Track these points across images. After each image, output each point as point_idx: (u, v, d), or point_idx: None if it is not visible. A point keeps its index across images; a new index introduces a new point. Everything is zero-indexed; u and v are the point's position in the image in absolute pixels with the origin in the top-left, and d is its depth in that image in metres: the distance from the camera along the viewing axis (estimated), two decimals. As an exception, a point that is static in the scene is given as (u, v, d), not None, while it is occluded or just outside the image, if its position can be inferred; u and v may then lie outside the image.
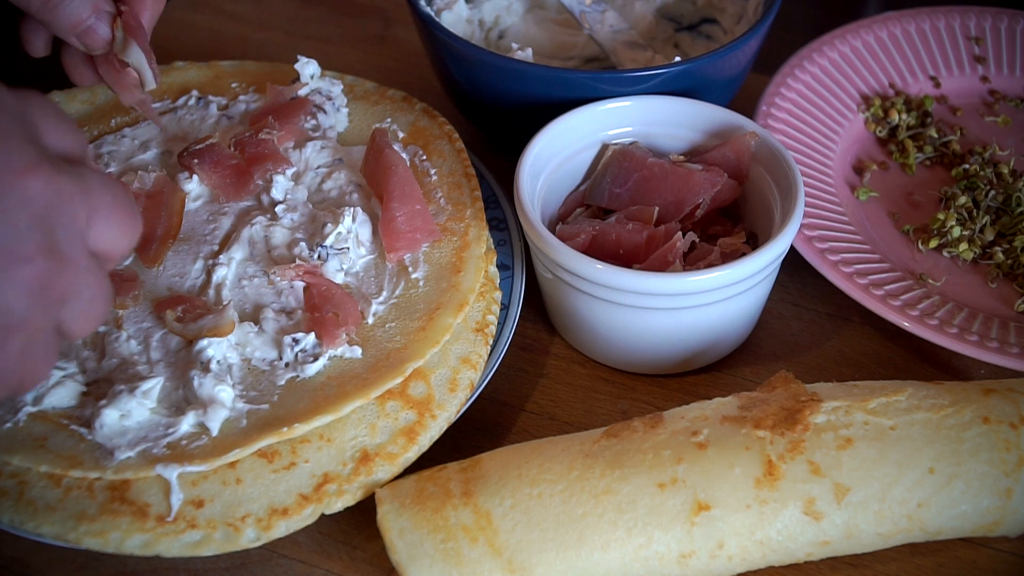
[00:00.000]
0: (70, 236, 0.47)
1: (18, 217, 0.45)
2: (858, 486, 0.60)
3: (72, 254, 0.47)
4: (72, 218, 0.47)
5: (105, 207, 0.49)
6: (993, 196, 0.82)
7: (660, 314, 0.69)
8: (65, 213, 0.47)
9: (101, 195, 0.49)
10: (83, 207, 0.48)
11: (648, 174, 0.74)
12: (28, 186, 0.45)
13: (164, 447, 0.62)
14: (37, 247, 0.45)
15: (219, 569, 0.64)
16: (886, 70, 0.92)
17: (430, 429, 0.65)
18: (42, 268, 0.46)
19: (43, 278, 0.46)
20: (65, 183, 0.47)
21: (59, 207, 0.46)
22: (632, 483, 0.60)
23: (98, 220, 0.48)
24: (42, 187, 0.46)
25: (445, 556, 0.59)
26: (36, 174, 0.45)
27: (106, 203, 0.49)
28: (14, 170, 0.45)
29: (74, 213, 0.47)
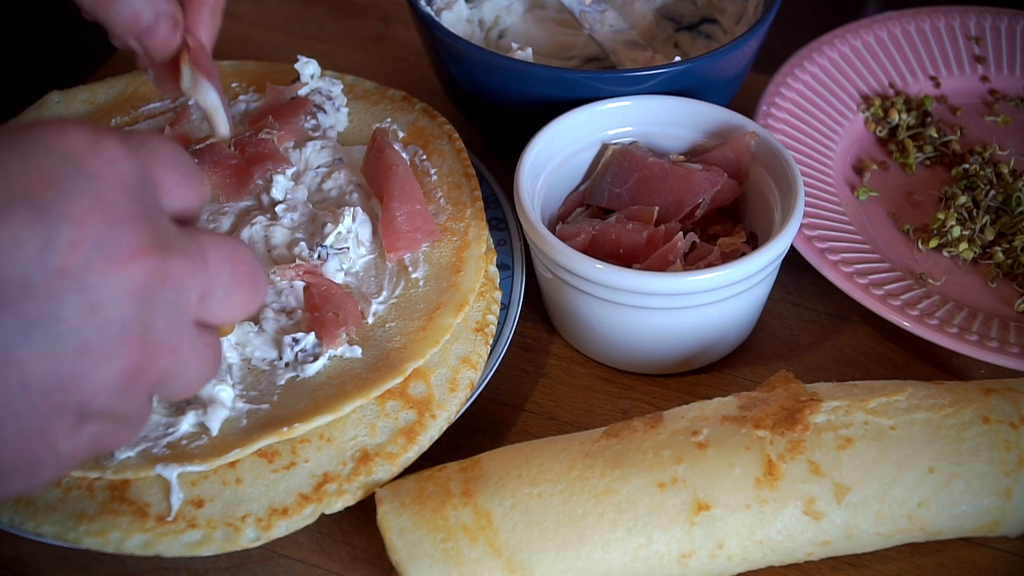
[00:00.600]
0: (175, 321, 0.43)
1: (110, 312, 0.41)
2: (858, 486, 0.60)
3: (173, 340, 0.43)
4: (180, 301, 0.43)
5: (223, 284, 0.46)
6: (993, 196, 0.82)
7: (660, 314, 0.69)
8: (171, 298, 0.43)
9: (218, 270, 0.45)
10: (195, 286, 0.44)
11: (648, 174, 0.74)
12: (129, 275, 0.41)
13: (164, 447, 0.62)
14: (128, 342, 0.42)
15: (219, 569, 0.64)
16: (886, 70, 0.92)
17: (430, 429, 0.65)
18: (132, 363, 0.42)
19: (133, 372, 0.42)
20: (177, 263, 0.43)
21: (164, 292, 0.42)
22: (632, 483, 0.60)
23: (214, 297, 0.45)
24: (145, 274, 0.42)
25: (445, 556, 0.59)
26: (142, 259, 0.41)
27: (224, 280, 0.45)
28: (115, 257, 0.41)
29: (183, 296, 0.43)
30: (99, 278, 0.40)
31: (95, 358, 0.41)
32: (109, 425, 0.43)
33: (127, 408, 0.43)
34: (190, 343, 0.45)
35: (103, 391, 0.42)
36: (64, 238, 0.40)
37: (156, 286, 0.42)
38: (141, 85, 0.86)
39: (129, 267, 0.41)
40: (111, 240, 0.41)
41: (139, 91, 0.85)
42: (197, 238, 0.45)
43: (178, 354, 0.44)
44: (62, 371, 0.40)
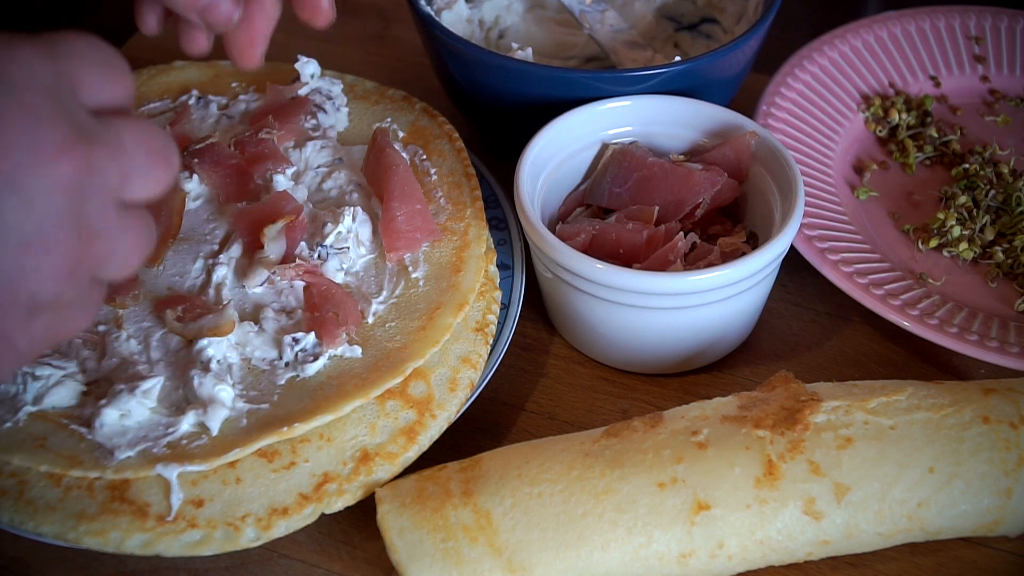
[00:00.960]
0: (102, 205, 0.45)
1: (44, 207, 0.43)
2: (858, 486, 0.60)
3: (104, 223, 0.46)
4: (104, 186, 0.45)
5: (140, 165, 0.47)
6: (993, 196, 0.82)
7: (660, 314, 0.69)
8: (97, 184, 0.45)
9: (135, 152, 0.47)
10: (116, 170, 0.46)
11: (648, 173, 0.74)
12: (57, 170, 0.43)
13: (164, 446, 0.62)
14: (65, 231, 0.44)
15: (219, 568, 0.64)
16: (886, 70, 0.92)
17: (430, 429, 0.65)
18: (71, 250, 0.44)
19: (73, 258, 0.44)
20: (98, 152, 0.45)
21: (91, 181, 0.44)
22: (632, 483, 0.60)
23: (132, 178, 0.47)
24: (71, 168, 0.44)
25: (445, 556, 0.59)
26: (67, 154, 0.43)
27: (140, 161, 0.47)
28: (42, 156, 0.43)
29: (106, 181, 0.45)
30: (30, 177, 0.42)
31: (37, 251, 0.43)
32: (59, 314, 0.46)
33: (72, 294, 0.45)
34: (119, 224, 0.47)
35: (48, 281, 0.44)
36: None
37: (83, 176, 0.44)
38: (141, 85, 0.86)
39: (57, 163, 0.43)
40: (36, 140, 0.43)
41: (139, 90, 0.85)
42: (113, 124, 0.47)
43: (109, 236, 0.46)
44: (8, 268, 0.43)
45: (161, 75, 0.87)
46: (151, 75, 0.87)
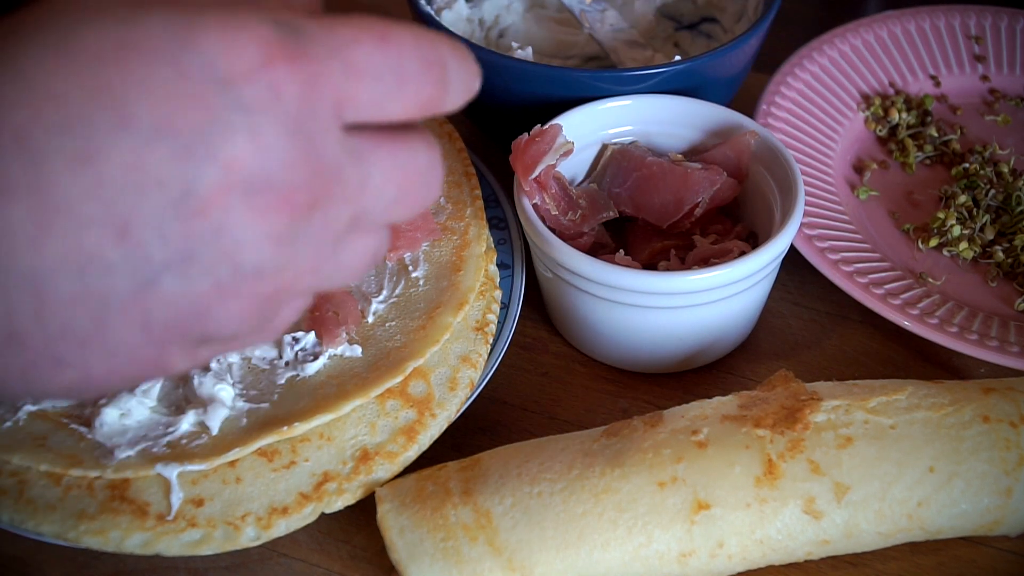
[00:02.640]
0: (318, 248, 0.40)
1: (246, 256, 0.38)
2: (858, 485, 0.60)
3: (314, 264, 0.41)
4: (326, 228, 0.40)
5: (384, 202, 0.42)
6: (993, 195, 0.82)
7: (660, 313, 0.69)
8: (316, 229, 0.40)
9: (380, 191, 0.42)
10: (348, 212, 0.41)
11: (647, 173, 0.74)
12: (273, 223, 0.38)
13: (164, 446, 0.62)
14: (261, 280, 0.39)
15: (219, 568, 0.64)
16: (886, 69, 0.92)
17: (430, 428, 0.65)
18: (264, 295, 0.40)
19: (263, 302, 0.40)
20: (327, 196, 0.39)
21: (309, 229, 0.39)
22: (632, 482, 0.60)
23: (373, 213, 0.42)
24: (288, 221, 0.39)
25: (445, 555, 0.59)
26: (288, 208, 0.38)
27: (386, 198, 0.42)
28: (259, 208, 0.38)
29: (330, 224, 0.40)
30: (239, 223, 0.37)
31: (225, 295, 0.39)
32: (229, 343, 0.42)
33: (252, 329, 0.41)
34: (333, 260, 0.42)
35: (229, 322, 0.40)
36: (209, 183, 0.36)
37: (300, 226, 0.39)
38: None
39: (273, 215, 0.38)
40: (259, 186, 0.37)
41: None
42: (364, 156, 0.40)
43: (320, 273, 0.41)
44: (189, 309, 0.38)
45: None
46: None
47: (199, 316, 0.39)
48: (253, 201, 0.37)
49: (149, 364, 0.40)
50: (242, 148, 0.37)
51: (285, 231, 0.39)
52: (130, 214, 0.36)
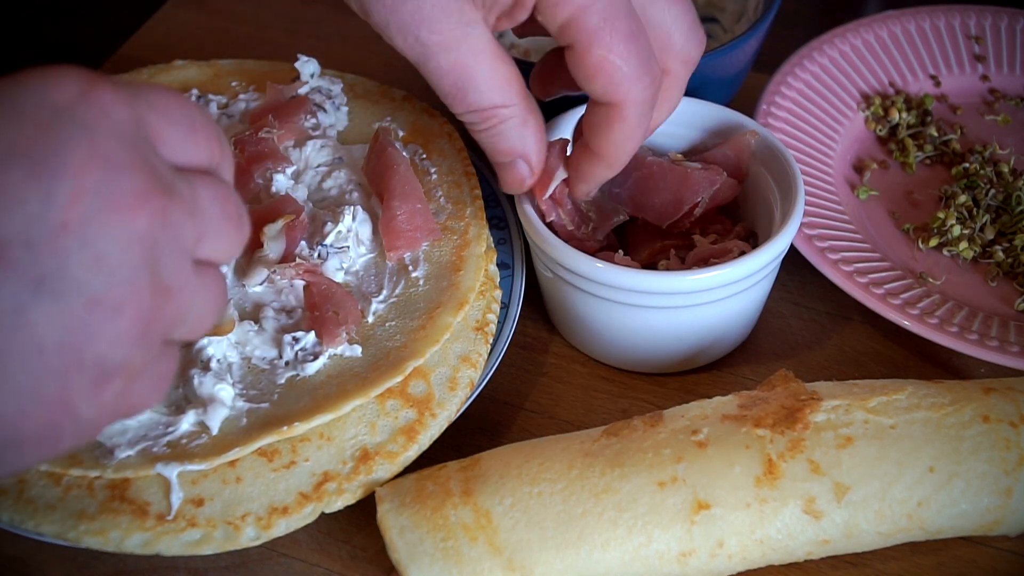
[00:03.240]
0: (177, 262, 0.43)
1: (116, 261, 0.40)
2: (858, 485, 0.60)
3: (179, 281, 0.43)
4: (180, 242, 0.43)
5: (215, 226, 0.45)
6: (993, 195, 0.82)
7: (660, 313, 0.69)
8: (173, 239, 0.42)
9: (211, 211, 0.45)
10: (192, 228, 0.43)
11: (647, 173, 0.74)
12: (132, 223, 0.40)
13: (164, 446, 0.62)
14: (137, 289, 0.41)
15: (219, 568, 0.64)
16: (886, 69, 0.92)
17: (430, 428, 0.65)
18: (144, 309, 0.41)
19: (145, 318, 0.41)
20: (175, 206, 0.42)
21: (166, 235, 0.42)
22: (632, 482, 0.60)
23: (207, 238, 0.45)
24: (147, 220, 0.41)
25: (445, 555, 0.59)
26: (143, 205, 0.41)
27: (215, 221, 0.45)
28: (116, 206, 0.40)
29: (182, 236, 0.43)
30: (102, 228, 0.40)
31: (106, 310, 0.40)
32: (130, 382, 0.43)
33: (143, 359, 0.42)
34: (193, 283, 0.44)
35: (118, 343, 0.41)
36: (64, 192, 0.39)
37: (158, 230, 0.41)
38: (141, 84, 0.86)
39: (131, 214, 0.40)
40: (111, 189, 0.40)
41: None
42: (190, 180, 0.44)
43: (183, 295, 0.43)
44: (75, 327, 0.39)
45: (161, 75, 0.87)
46: (151, 75, 0.87)
47: (87, 336, 0.40)
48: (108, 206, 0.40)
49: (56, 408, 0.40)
50: (86, 157, 0.39)
51: (145, 234, 0.41)
52: None
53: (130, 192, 0.40)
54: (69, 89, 0.41)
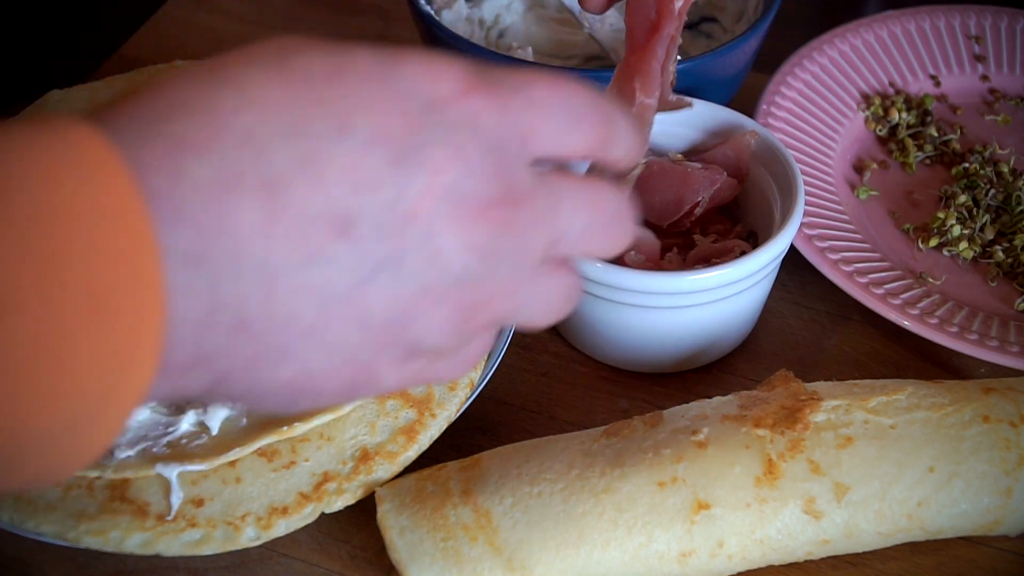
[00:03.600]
0: (514, 268, 0.43)
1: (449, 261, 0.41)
2: (858, 485, 0.60)
3: (511, 286, 0.43)
4: (523, 249, 0.43)
5: (576, 231, 0.45)
6: (993, 195, 0.82)
7: (660, 313, 0.69)
8: (513, 247, 0.42)
9: (572, 219, 0.44)
10: (542, 236, 0.43)
11: (647, 172, 0.74)
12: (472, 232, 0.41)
13: (164, 446, 0.62)
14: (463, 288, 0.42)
15: (219, 568, 0.64)
16: (886, 69, 0.92)
17: (430, 428, 0.65)
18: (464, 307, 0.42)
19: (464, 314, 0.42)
20: (523, 216, 0.42)
21: (506, 244, 0.42)
22: (632, 482, 0.60)
23: (564, 242, 0.44)
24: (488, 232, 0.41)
25: (445, 555, 0.59)
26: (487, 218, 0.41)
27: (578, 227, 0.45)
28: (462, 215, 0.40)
29: (527, 244, 0.43)
30: (445, 229, 0.40)
31: (431, 301, 0.41)
32: (435, 362, 0.44)
33: (455, 346, 0.44)
34: (531, 285, 0.44)
35: (433, 330, 0.42)
36: (418, 186, 0.40)
37: (496, 241, 0.42)
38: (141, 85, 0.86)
39: (474, 223, 0.41)
40: (461, 194, 0.40)
41: (139, 90, 0.85)
42: (554, 186, 0.44)
43: (515, 296, 0.44)
44: (400, 309, 0.41)
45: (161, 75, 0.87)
46: (151, 75, 0.87)
47: (408, 319, 0.41)
48: (456, 209, 0.40)
49: (362, 372, 0.42)
50: (447, 160, 0.40)
51: (485, 242, 0.41)
52: (350, 212, 0.39)
53: (478, 201, 0.41)
54: (446, 87, 0.41)
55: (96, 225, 0.34)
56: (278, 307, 0.38)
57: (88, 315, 0.34)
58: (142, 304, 0.35)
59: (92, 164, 0.34)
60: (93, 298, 0.34)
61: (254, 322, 0.38)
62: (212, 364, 0.38)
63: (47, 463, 0.36)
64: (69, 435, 0.35)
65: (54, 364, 0.33)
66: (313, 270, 0.38)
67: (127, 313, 0.35)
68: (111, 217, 0.34)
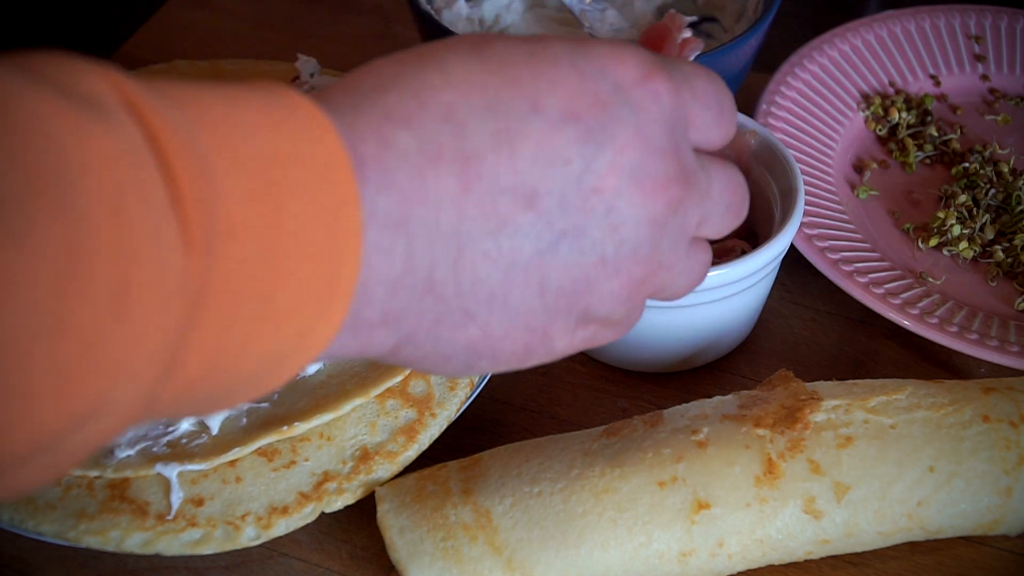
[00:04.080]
0: (676, 243, 0.46)
1: (627, 234, 0.44)
2: (858, 484, 0.60)
3: (672, 260, 0.46)
4: (684, 226, 0.46)
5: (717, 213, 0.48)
6: (993, 195, 0.82)
7: (660, 313, 0.69)
8: (678, 224, 0.46)
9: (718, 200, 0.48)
10: (699, 214, 0.47)
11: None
12: (651, 205, 0.44)
13: (164, 445, 0.62)
14: (637, 260, 0.45)
15: (219, 567, 0.64)
16: (886, 68, 0.92)
17: (430, 427, 0.65)
18: (636, 277, 0.45)
19: (635, 284, 0.45)
20: (689, 194, 0.46)
21: (674, 220, 0.45)
22: (632, 482, 0.60)
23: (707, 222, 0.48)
24: (663, 205, 0.44)
25: (445, 554, 0.59)
26: (664, 191, 0.44)
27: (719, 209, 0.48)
28: (643, 188, 0.44)
29: (687, 221, 0.46)
30: (626, 203, 0.43)
31: (608, 271, 0.44)
32: (602, 328, 0.47)
33: (622, 315, 0.46)
34: (684, 260, 0.48)
35: (605, 300, 0.45)
36: (604, 162, 0.42)
37: (669, 215, 0.45)
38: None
39: (653, 197, 0.44)
40: (643, 171, 0.43)
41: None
42: (708, 168, 0.47)
43: (673, 270, 0.47)
44: (578, 279, 0.44)
45: (161, 75, 0.87)
46: (151, 75, 0.87)
47: (585, 287, 0.44)
48: (638, 185, 0.43)
49: (537, 336, 0.45)
50: (631, 137, 0.43)
51: (659, 217, 0.44)
52: (538, 185, 0.42)
53: (657, 177, 0.44)
54: (631, 72, 0.44)
55: (310, 180, 0.36)
56: (465, 272, 0.41)
57: (295, 258, 0.36)
58: (342, 255, 0.37)
59: (310, 126, 0.37)
60: (301, 242, 0.36)
61: (442, 285, 0.41)
62: (399, 324, 0.41)
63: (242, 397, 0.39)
64: (268, 370, 0.38)
65: (264, 297, 0.36)
66: (500, 239, 0.41)
67: (328, 261, 0.37)
68: (324, 174, 0.37)
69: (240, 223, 0.34)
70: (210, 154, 0.34)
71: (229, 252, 0.34)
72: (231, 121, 0.35)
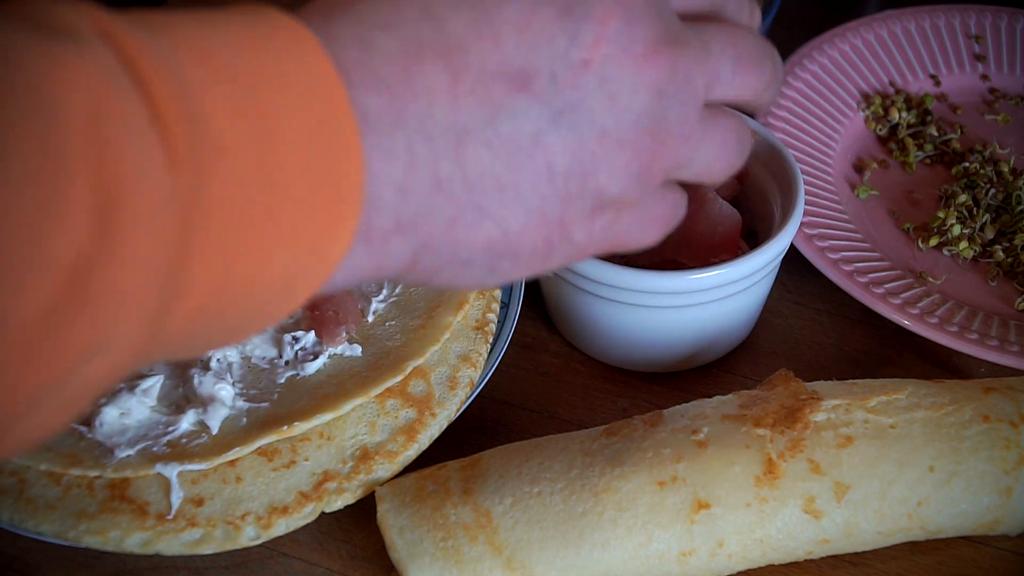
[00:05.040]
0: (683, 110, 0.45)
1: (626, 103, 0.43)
2: (858, 484, 0.60)
3: (684, 129, 0.45)
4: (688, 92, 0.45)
5: (727, 69, 0.47)
6: (993, 194, 0.82)
7: (660, 312, 0.69)
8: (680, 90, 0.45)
9: (721, 58, 0.47)
10: (702, 76, 0.46)
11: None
12: (645, 72, 0.43)
13: (164, 445, 0.62)
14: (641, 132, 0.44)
15: (219, 567, 0.64)
16: (886, 68, 0.92)
17: (430, 427, 0.65)
18: (645, 150, 0.44)
19: (645, 159, 0.44)
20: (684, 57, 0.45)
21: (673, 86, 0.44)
22: (632, 481, 0.60)
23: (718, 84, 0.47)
24: (657, 71, 0.44)
25: (445, 554, 0.59)
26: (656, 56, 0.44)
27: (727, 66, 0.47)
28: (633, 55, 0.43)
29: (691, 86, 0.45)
30: (618, 71, 0.43)
31: (612, 145, 0.43)
32: (621, 216, 0.46)
33: (639, 196, 0.46)
34: (701, 130, 0.46)
35: (618, 177, 0.44)
36: (588, 34, 0.42)
37: (666, 80, 0.44)
38: None
39: (644, 63, 0.43)
40: (629, 37, 0.43)
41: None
42: (699, 30, 0.47)
43: (688, 141, 0.46)
44: (583, 157, 0.43)
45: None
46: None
47: (592, 165, 0.43)
48: (626, 54, 0.43)
49: (554, 228, 0.44)
50: (611, 6, 0.43)
51: (655, 83, 0.44)
52: (527, 66, 0.41)
53: (644, 42, 0.43)
54: None
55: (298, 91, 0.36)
56: (469, 164, 0.41)
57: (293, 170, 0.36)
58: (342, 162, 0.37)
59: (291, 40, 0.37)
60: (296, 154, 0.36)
61: (448, 182, 0.41)
62: (415, 230, 0.41)
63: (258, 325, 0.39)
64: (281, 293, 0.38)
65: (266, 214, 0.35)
66: (498, 125, 0.41)
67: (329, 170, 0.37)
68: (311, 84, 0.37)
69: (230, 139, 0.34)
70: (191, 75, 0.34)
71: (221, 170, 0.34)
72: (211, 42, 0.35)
